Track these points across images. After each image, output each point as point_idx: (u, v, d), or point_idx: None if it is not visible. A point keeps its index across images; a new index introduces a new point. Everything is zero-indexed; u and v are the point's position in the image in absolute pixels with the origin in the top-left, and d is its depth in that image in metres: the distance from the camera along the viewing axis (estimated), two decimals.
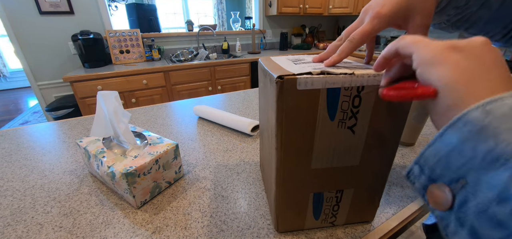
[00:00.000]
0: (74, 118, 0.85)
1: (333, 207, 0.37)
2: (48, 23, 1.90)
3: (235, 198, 0.46)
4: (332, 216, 0.38)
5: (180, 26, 4.33)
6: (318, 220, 0.38)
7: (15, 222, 0.42)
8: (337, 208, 0.37)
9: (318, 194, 0.35)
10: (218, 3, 4.40)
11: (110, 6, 2.15)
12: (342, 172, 0.33)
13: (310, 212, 0.37)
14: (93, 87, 1.69)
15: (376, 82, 0.27)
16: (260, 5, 2.71)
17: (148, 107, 0.94)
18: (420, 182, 0.20)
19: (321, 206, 0.37)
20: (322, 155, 0.31)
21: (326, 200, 0.36)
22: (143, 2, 3.38)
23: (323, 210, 0.37)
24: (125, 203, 0.45)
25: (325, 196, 0.36)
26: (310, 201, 0.36)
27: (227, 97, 1.05)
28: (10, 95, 3.96)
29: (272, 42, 2.96)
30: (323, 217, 0.38)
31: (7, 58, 4.15)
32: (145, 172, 0.43)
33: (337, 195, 0.36)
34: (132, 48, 2.09)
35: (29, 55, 1.92)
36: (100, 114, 0.48)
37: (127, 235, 0.39)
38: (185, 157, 0.60)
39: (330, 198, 0.36)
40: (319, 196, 0.35)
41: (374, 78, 0.27)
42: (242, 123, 0.71)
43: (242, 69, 2.23)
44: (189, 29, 2.56)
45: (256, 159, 0.59)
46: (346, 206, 0.37)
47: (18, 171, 0.56)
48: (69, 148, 0.66)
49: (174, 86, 1.97)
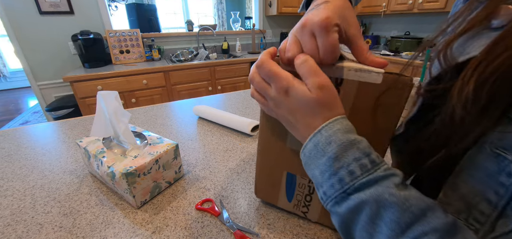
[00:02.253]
0: (74, 118, 0.85)
1: (306, 197, 0.39)
2: (48, 23, 1.90)
3: (235, 198, 0.46)
4: (304, 205, 0.39)
5: (180, 26, 4.33)
6: (291, 203, 0.41)
7: (15, 222, 0.42)
8: (309, 199, 0.38)
9: (291, 175, 0.38)
10: (218, 3, 4.40)
11: (110, 6, 2.15)
12: None
13: (283, 190, 0.40)
14: (93, 87, 1.69)
15: (357, 78, 0.27)
16: (260, 5, 2.71)
17: (148, 107, 0.94)
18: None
19: (293, 189, 0.39)
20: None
21: (298, 186, 0.38)
22: (143, 2, 3.38)
23: (296, 195, 0.39)
24: (125, 203, 0.45)
25: (298, 181, 0.38)
26: (283, 178, 0.39)
27: (227, 97, 1.05)
28: (10, 95, 3.96)
29: (272, 42, 2.96)
30: (295, 202, 0.40)
31: (7, 58, 4.15)
32: (145, 172, 0.43)
33: (310, 185, 0.37)
34: (132, 48, 2.09)
35: (29, 55, 1.92)
36: (100, 114, 0.48)
37: (127, 235, 0.39)
38: (185, 157, 0.60)
39: (302, 185, 0.38)
40: (292, 177, 0.38)
41: (355, 73, 0.27)
42: (242, 123, 0.71)
43: (242, 69, 2.24)
44: (189, 29, 2.56)
45: (256, 158, 0.59)
46: (319, 202, 0.37)
47: (18, 171, 0.56)
48: (69, 148, 0.66)
49: (174, 86, 1.97)
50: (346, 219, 0.23)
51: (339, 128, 0.24)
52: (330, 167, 0.23)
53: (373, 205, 0.21)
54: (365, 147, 0.23)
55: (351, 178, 0.22)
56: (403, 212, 0.20)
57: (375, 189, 0.21)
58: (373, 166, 0.22)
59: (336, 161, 0.23)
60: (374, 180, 0.22)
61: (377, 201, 0.21)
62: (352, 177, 0.22)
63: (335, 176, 0.23)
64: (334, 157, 0.23)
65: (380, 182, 0.21)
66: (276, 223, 0.41)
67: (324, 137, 0.24)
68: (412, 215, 0.20)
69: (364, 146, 0.23)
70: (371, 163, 0.22)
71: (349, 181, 0.22)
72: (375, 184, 0.21)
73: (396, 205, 0.20)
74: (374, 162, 0.22)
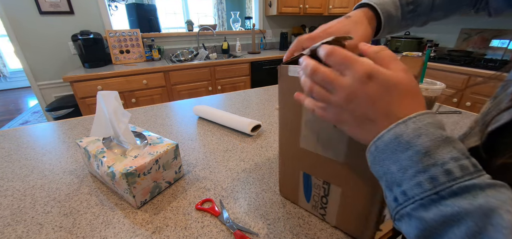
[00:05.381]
0: (74, 118, 0.85)
1: (322, 198, 0.39)
2: (48, 23, 1.90)
3: (235, 198, 0.46)
4: (321, 207, 0.40)
5: (180, 26, 4.33)
6: (309, 203, 0.42)
7: (15, 222, 0.42)
8: (326, 201, 0.39)
9: (307, 175, 0.39)
10: (218, 3, 4.40)
11: (110, 6, 2.15)
12: (327, 163, 0.35)
13: (301, 190, 0.42)
14: (93, 87, 1.69)
15: None
16: (260, 5, 2.71)
17: (148, 107, 0.94)
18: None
19: (310, 189, 0.40)
20: (308, 137, 0.35)
21: (314, 186, 0.39)
22: (143, 2, 3.38)
23: (313, 195, 0.40)
24: (125, 203, 0.45)
25: (313, 182, 0.39)
26: (300, 178, 0.40)
27: (227, 97, 1.05)
28: (10, 95, 3.96)
29: (272, 42, 2.96)
30: (313, 203, 0.41)
31: (7, 58, 4.15)
32: (145, 172, 0.43)
33: (325, 186, 0.37)
34: (132, 48, 2.09)
35: (29, 55, 1.92)
36: (100, 115, 0.48)
37: (127, 235, 0.39)
38: (185, 157, 0.60)
39: (318, 185, 0.38)
40: (308, 177, 0.39)
41: None
42: (242, 123, 0.71)
43: (242, 69, 2.23)
44: (189, 29, 2.55)
45: (256, 158, 0.59)
46: (335, 205, 0.37)
47: (18, 171, 0.56)
48: (69, 148, 0.66)
49: (174, 86, 1.97)
50: (432, 229, 0.19)
51: (430, 121, 0.20)
52: (417, 162, 0.19)
53: (480, 220, 0.16)
54: (463, 148, 0.19)
55: (449, 178, 0.18)
56: None
57: (484, 200, 0.17)
58: (476, 170, 0.18)
59: (427, 157, 0.19)
60: (480, 187, 0.17)
61: (487, 215, 0.16)
62: (450, 178, 0.18)
63: (424, 173, 0.19)
64: (424, 151, 0.19)
65: (489, 192, 0.17)
66: (276, 223, 0.41)
67: (411, 129, 0.20)
68: None
69: (462, 147, 0.19)
70: (474, 166, 0.18)
71: (445, 180, 0.18)
72: (482, 193, 0.17)
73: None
74: (476, 167, 0.18)
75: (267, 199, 0.46)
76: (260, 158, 0.59)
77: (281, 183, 0.46)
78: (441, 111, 0.84)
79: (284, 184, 0.46)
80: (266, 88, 1.17)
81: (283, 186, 0.46)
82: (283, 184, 0.46)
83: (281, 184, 0.46)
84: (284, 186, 0.46)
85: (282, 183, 0.46)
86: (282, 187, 0.46)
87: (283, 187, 0.46)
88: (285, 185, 0.45)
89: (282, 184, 0.46)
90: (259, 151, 0.62)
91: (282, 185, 0.46)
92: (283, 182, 0.45)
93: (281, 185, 0.46)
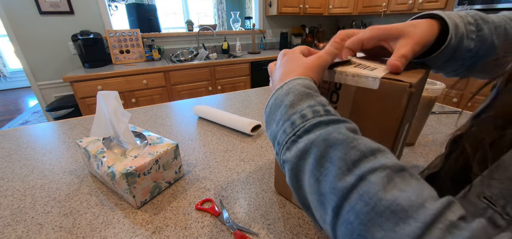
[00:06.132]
0: (74, 118, 0.85)
1: None
2: (48, 23, 1.90)
3: (235, 198, 0.46)
4: None
5: (180, 26, 4.33)
6: None
7: (15, 222, 0.42)
8: None
9: None
10: (218, 3, 4.40)
11: (110, 6, 2.15)
12: None
13: None
14: (93, 87, 1.69)
15: (354, 83, 0.28)
16: (260, 5, 2.71)
17: (148, 107, 0.94)
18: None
19: None
20: None
21: None
22: (143, 2, 3.38)
23: None
24: (125, 203, 0.45)
25: None
26: None
27: (227, 97, 1.05)
28: (10, 95, 3.96)
29: (272, 42, 2.96)
30: None
31: (7, 58, 4.15)
32: (145, 172, 0.43)
33: None
34: (132, 48, 2.09)
35: (29, 55, 1.92)
36: (100, 115, 0.48)
37: (127, 235, 0.39)
38: (185, 157, 0.60)
39: None
40: None
41: (352, 79, 0.28)
42: (242, 123, 0.71)
43: (242, 69, 2.23)
44: (189, 29, 2.55)
45: (256, 158, 0.59)
46: None
47: (18, 171, 0.56)
48: (69, 148, 0.66)
49: (174, 86, 1.97)
50: (295, 166, 0.22)
51: (299, 82, 0.25)
52: (284, 114, 0.24)
53: (321, 144, 0.20)
54: (322, 100, 0.24)
55: (302, 120, 0.22)
56: (350, 149, 0.19)
57: (325, 130, 0.21)
58: (326, 113, 0.22)
59: (291, 108, 0.23)
60: (325, 123, 0.21)
61: (326, 139, 0.20)
62: (303, 120, 0.22)
63: (288, 121, 0.23)
64: (289, 104, 0.24)
65: (332, 125, 0.21)
66: (276, 223, 0.41)
67: (285, 90, 0.25)
68: (359, 153, 0.18)
69: (321, 100, 0.24)
70: (325, 111, 0.22)
71: (299, 123, 0.22)
72: (326, 126, 0.21)
73: (344, 142, 0.19)
74: (328, 111, 0.23)
75: (267, 199, 0.46)
76: (260, 158, 0.59)
77: (276, 179, 0.47)
78: (441, 111, 0.84)
79: (278, 180, 0.46)
80: (266, 88, 1.17)
81: (277, 182, 0.47)
82: (278, 180, 0.47)
83: (276, 180, 0.47)
84: (278, 182, 0.47)
85: (277, 179, 0.47)
86: (277, 183, 0.47)
87: (277, 183, 0.47)
88: (279, 181, 0.46)
89: (277, 180, 0.47)
90: (259, 151, 0.62)
91: (277, 181, 0.47)
92: (278, 178, 0.46)
93: (276, 181, 0.47)
